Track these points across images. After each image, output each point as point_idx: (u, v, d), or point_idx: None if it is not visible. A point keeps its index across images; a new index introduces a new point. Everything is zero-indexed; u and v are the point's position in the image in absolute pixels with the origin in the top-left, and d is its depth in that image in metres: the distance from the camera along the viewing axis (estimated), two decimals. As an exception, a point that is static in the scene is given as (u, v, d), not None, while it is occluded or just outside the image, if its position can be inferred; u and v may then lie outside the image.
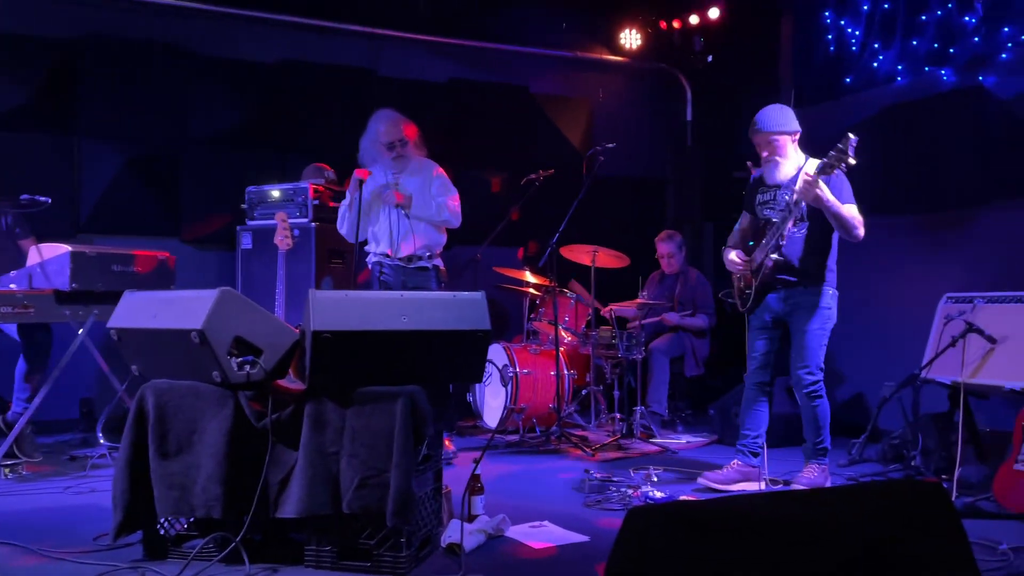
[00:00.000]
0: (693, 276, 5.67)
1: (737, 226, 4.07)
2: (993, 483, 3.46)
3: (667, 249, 5.62)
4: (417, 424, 2.66)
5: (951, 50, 4.89)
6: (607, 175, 5.68)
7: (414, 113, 4.53)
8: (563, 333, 5.29)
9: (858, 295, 5.34)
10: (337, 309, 2.64)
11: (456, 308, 2.75)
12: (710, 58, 6.50)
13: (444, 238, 4.50)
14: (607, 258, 5.24)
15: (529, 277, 5.45)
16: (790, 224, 3.68)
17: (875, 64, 5.33)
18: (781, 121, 3.75)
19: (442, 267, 4.44)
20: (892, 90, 5.24)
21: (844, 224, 3.57)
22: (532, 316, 5.40)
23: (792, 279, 3.75)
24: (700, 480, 3.85)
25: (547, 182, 5.07)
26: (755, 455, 3.93)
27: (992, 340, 3.91)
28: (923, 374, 4.07)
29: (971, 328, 3.95)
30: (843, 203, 3.61)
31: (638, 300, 5.15)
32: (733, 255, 3.88)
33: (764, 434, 3.96)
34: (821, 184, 3.49)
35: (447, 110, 6.16)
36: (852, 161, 3.33)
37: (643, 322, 5.21)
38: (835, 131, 5.54)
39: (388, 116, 4.35)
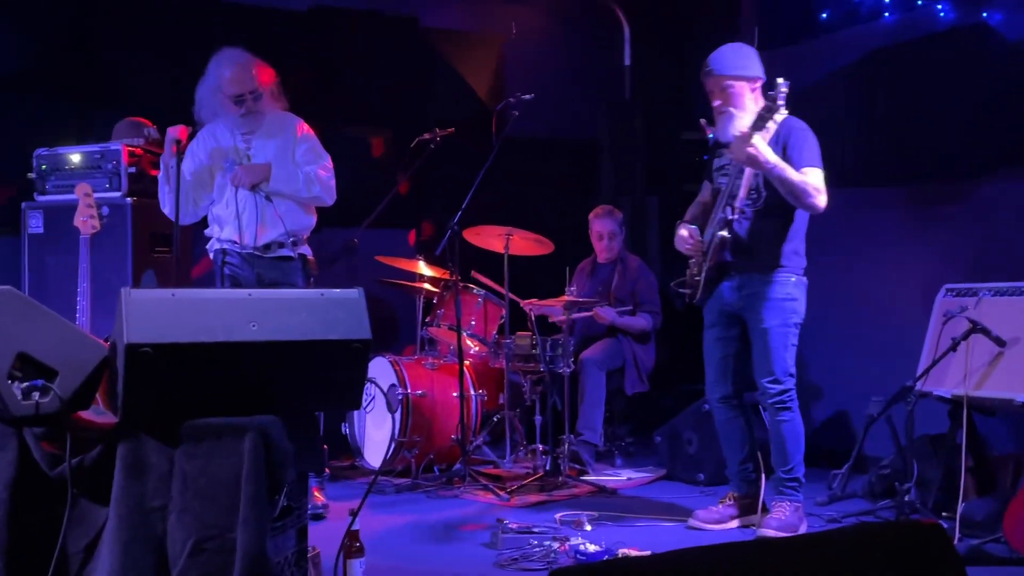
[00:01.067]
0: (634, 265, 5.75)
1: (698, 198, 4.18)
2: (1003, 521, 3.58)
3: (606, 227, 5.69)
4: (272, 467, 2.61)
5: (950, -22, 5.12)
6: (523, 135, 5.68)
7: (267, 53, 4.44)
8: (468, 342, 5.29)
9: (836, 288, 5.49)
10: (161, 314, 2.58)
11: (326, 311, 2.74)
12: (654, -14, 6.67)
13: (313, 219, 4.48)
14: (524, 243, 5.27)
15: (423, 269, 5.46)
16: (742, 193, 3.78)
17: (857, -4, 5.54)
18: (739, 63, 3.86)
19: (310, 256, 4.44)
20: (878, 29, 5.38)
21: (793, 191, 3.72)
22: (428, 320, 5.39)
23: (746, 263, 3.87)
24: (691, 521, 4.02)
25: (445, 144, 5.04)
26: (750, 484, 4.07)
27: (1001, 342, 4.04)
28: (918, 386, 4.16)
29: (975, 328, 4.07)
30: (803, 166, 3.75)
31: (565, 297, 5.19)
32: (684, 231, 4.00)
33: (752, 457, 4.06)
34: (757, 142, 3.62)
35: (310, 48, 6.09)
36: (783, 112, 3.52)
37: (575, 317, 5.30)
38: (808, 80, 5.71)
39: (235, 58, 4.29)
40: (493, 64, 6.77)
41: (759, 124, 3.59)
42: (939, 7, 5.11)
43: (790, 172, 3.69)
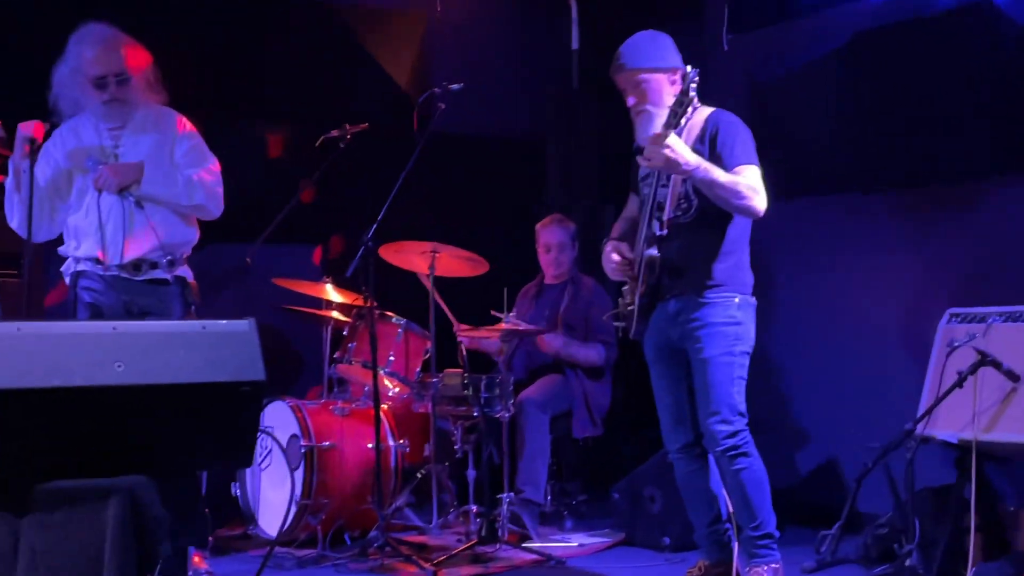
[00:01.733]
0: (587, 287, 5.78)
1: (624, 212, 4.24)
2: (1019, 588, 3.66)
3: (554, 238, 5.73)
4: (142, 539, 2.56)
5: (950, -50, 5.19)
6: (452, 132, 5.66)
7: (140, 33, 4.38)
8: (386, 381, 5.27)
9: (819, 313, 5.55)
10: (5, 353, 2.54)
11: (209, 347, 2.73)
12: (607, -43, 6.65)
13: (194, 233, 4.47)
14: (454, 262, 5.28)
15: (331, 293, 5.43)
16: (669, 204, 3.84)
17: (843, -29, 5.61)
18: (654, 53, 3.94)
19: (191, 280, 4.41)
20: (866, 9, 5.44)
21: (723, 194, 3.78)
22: (337, 355, 5.34)
23: (681, 285, 3.94)
24: None
25: (358, 142, 5.02)
26: (722, 549, 4.09)
27: (1014, 377, 4.08)
28: (919, 429, 4.18)
29: (985, 360, 4.10)
30: (736, 164, 3.81)
31: (503, 325, 5.18)
32: (610, 249, 4.06)
33: (724, 515, 4.07)
34: (673, 141, 3.67)
35: (192, 28, 5.98)
36: (695, 103, 3.59)
37: (515, 346, 5.26)
38: (784, 68, 5.81)
39: (99, 34, 4.26)
40: (416, 47, 6.74)
41: (672, 120, 3.64)
42: (934, -16, 5.25)
43: (716, 172, 3.75)
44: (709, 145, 3.86)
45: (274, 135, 6.34)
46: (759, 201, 3.79)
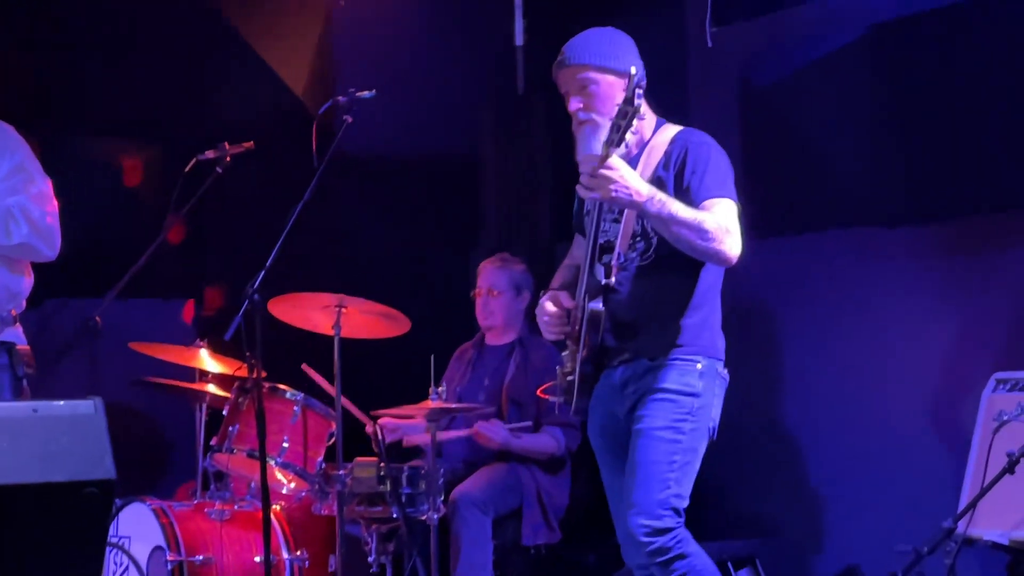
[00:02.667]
0: (540, 353, 5.69)
1: (567, 259, 4.21)
2: None
3: (486, 281, 5.72)
4: None
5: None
6: (362, 152, 5.68)
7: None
8: (278, 475, 5.24)
9: (832, 380, 5.56)
10: None
11: (43, 436, 2.72)
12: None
13: (24, 282, 4.47)
14: (365, 320, 5.29)
15: (207, 362, 5.42)
16: (620, 243, 3.83)
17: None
18: (607, 50, 3.93)
19: (20, 344, 4.41)
20: (883, -6, 5.55)
21: (684, 234, 3.70)
22: (214, 443, 5.30)
23: (632, 346, 3.88)
24: None
25: (240, 166, 5.08)
26: None
27: (1077, 460, 4.15)
28: (961, 527, 4.17)
29: (1042, 438, 4.19)
30: (705, 197, 3.76)
31: (429, 403, 5.15)
32: (548, 304, 3.98)
33: None
34: (617, 165, 3.64)
35: (24, 18, 5.99)
36: (640, 113, 3.55)
37: (445, 437, 5.27)
38: (782, 69, 5.76)
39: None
40: (315, 43, 6.76)
41: (614, 136, 3.59)
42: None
43: (674, 205, 3.67)
44: (675, 173, 3.83)
45: (131, 157, 6.33)
46: (731, 244, 3.71)
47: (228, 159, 5.04)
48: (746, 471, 5.75)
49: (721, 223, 3.70)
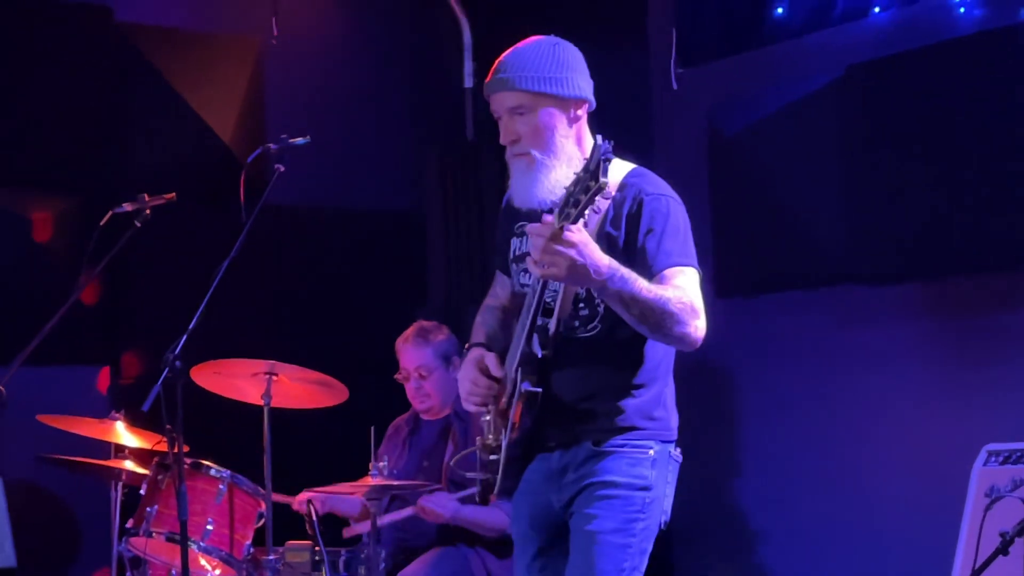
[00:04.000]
0: (480, 421, 5.64)
1: (488, 299, 4.01)
2: None
3: (412, 361, 5.59)
4: None
5: (971, -41, 5.20)
6: (295, 204, 5.59)
7: None
8: (202, 561, 5.17)
9: (806, 455, 5.48)
10: None
11: None
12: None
13: None
14: (299, 388, 5.29)
15: (122, 435, 5.37)
16: (557, 310, 3.60)
17: (832, -17, 5.63)
18: (550, 68, 3.66)
19: None
20: (864, 32, 5.47)
21: (648, 316, 3.48)
22: (130, 525, 5.19)
23: (573, 429, 3.68)
24: None
25: (161, 219, 5.02)
26: None
27: (1080, 538, 4.09)
28: (952, 611, 4.20)
29: (1036, 516, 4.13)
30: (663, 265, 3.55)
31: (369, 479, 5.07)
32: (472, 366, 3.78)
33: None
34: (580, 240, 3.37)
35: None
36: (604, 185, 3.26)
37: (385, 519, 5.25)
38: (756, 112, 5.71)
39: None
40: (244, 86, 6.72)
41: (572, 213, 3.31)
42: (957, 1, 5.22)
43: (637, 283, 3.42)
44: (626, 231, 3.61)
45: (40, 210, 6.24)
46: (697, 326, 3.49)
47: (148, 212, 4.94)
48: (717, 553, 5.71)
49: (686, 301, 3.46)
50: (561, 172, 3.51)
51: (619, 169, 3.61)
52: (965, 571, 4.28)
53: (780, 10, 5.67)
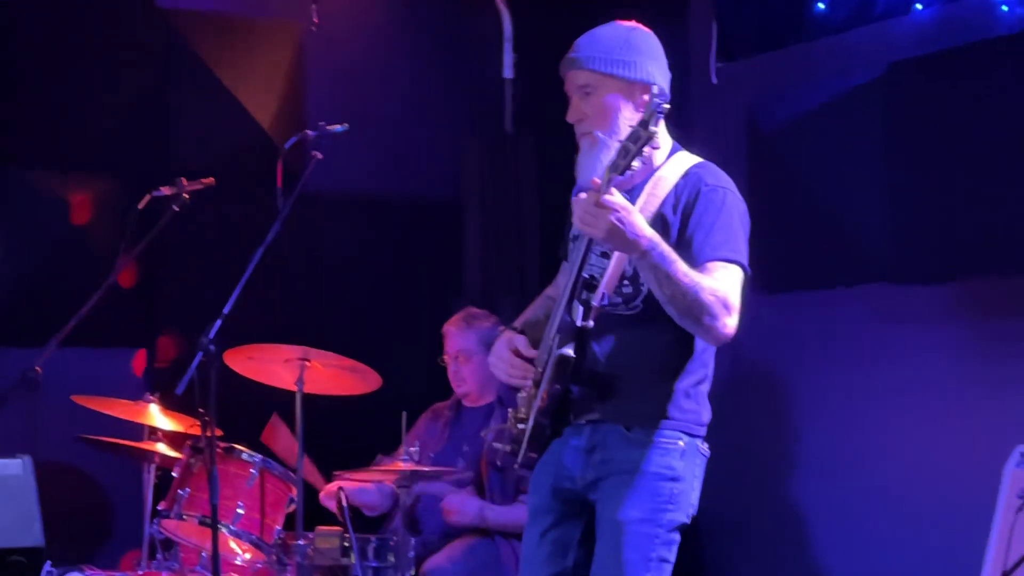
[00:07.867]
0: None
1: (548, 289, 4.04)
2: None
3: (455, 344, 5.67)
4: None
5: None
6: (332, 192, 5.65)
7: None
8: (233, 544, 5.21)
9: (838, 452, 5.55)
10: None
11: None
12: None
13: None
14: (332, 374, 5.28)
15: (156, 418, 5.39)
16: (607, 282, 3.64)
17: (872, -20, 5.65)
18: (621, 51, 3.73)
19: None
20: (906, 29, 5.49)
21: (677, 299, 3.49)
22: (162, 507, 5.24)
23: (604, 407, 3.70)
24: None
25: (199, 204, 5.03)
26: None
27: (1115, 541, 4.14)
28: (985, 616, 4.21)
29: (1074, 518, 4.17)
30: (707, 257, 3.56)
31: (399, 464, 5.10)
32: (505, 343, 3.79)
33: None
34: (619, 202, 3.43)
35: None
36: (653, 134, 3.34)
37: (415, 493, 5.29)
38: (796, 107, 5.77)
39: None
40: (283, 73, 6.74)
41: (620, 161, 3.37)
42: (1000, -2, 5.29)
43: (676, 263, 3.44)
44: (681, 218, 3.63)
45: (78, 193, 6.25)
46: (726, 323, 3.49)
47: (186, 196, 4.99)
48: (751, 549, 5.78)
49: (720, 295, 3.48)
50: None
51: (686, 160, 3.69)
52: (995, 572, 4.27)
53: (821, 5, 5.71)
